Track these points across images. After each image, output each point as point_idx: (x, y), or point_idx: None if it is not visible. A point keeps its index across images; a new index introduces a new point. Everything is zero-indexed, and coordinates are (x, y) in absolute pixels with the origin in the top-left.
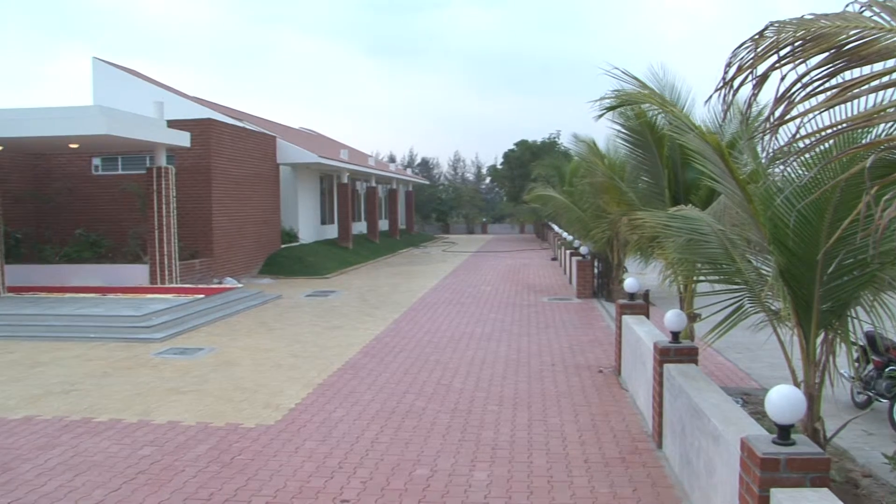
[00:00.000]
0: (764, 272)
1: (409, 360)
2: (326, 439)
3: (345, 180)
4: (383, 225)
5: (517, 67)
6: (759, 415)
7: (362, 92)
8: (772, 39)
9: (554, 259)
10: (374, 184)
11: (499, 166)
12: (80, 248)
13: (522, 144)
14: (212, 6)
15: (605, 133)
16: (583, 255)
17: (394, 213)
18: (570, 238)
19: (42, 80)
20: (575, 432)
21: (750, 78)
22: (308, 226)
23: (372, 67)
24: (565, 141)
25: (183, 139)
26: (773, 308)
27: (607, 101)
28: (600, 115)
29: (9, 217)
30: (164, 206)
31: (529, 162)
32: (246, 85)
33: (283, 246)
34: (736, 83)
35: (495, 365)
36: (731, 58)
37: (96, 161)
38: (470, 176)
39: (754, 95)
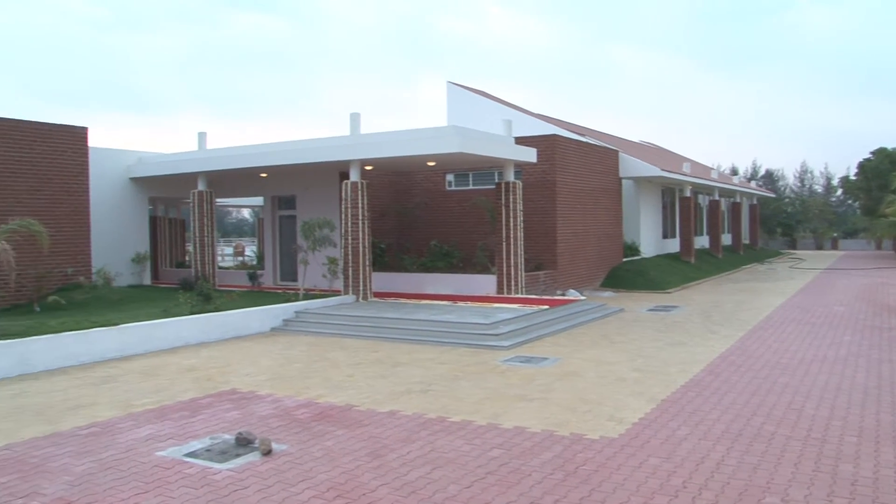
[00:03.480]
0: None
1: (756, 381)
2: (671, 457)
3: (687, 193)
4: (726, 239)
5: (871, 69)
6: None
7: (699, 103)
8: None
9: None
10: (716, 197)
11: (852, 177)
12: (434, 258)
13: (881, 153)
14: (552, 27)
15: None
16: None
17: (737, 227)
18: None
19: (401, 105)
20: None
21: None
22: (649, 239)
23: (708, 77)
24: None
25: (529, 155)
26: None
27: None
28: None
29: (375, 229)
30: (511, 220)
31: (889, 172)
32: (586, 101)
33: (624, 259)
34: None
35: (852, 392)
36: None
37: (450, 177)
38: (818, 188)
39: None
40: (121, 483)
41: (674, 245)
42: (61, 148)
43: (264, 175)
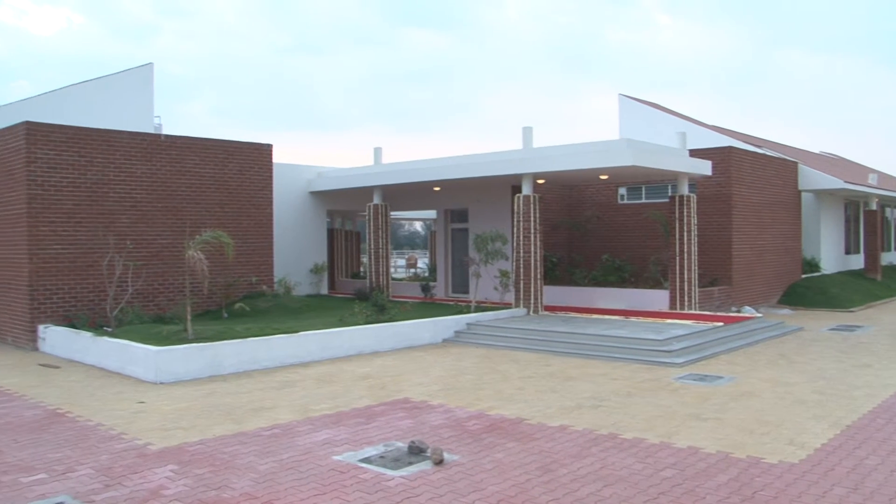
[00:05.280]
0: None
1: None
2: (858, 488)
3: (873, 206)
4: None
5: None
6: None
7: (885, 109)
8: None
9: None
10: None
11: None
12: (605, 272)
13: None
14: (723, 34)
15: None
16: None
17: None
18: None
19: (569, 118)
20: None
21: None
22: (830, 255)
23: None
24: None
25: (704, 168)
26: None
27: None
28: None
29: (547, 243)
30: (685, 234)
31: None
32: (760, 110)
33: (803, 276)
34: None
35: None
36: None
37: (622, 191)
38: None
39: None
40: (300, 483)
41: (857, 261)
42: (248, 164)
43: (437, 188)
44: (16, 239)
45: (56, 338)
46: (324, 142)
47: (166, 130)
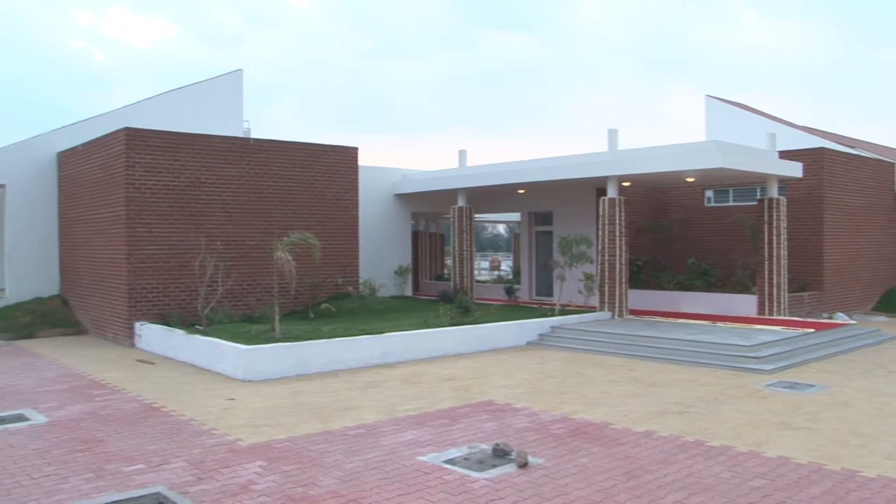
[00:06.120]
0: None
1: None
2: None
3: None
4: None
5: None
6: None
7: None
8: None
9: None
10: None
11: None
12: (691, 276)
13: None
14: (813, 32)
15: None
16: None
17: None
18: None
19: (656, 120)
20: None
21: None
22: None
23: None
24: None
25: (794, 170)
26: None
27: None
28: None
29: (632, 246)
30: (774, 238)
31: None
32: (853, 110)
33: None
34: None
35: None
36: None
37: (708, 193)
38: None
39: None
40: (385, 483)
41: None
42: (335, 167)
43: (521, 191)
44: (115, 240)
45: (151, 335)
46: (406, 144)
47: (254, 134)
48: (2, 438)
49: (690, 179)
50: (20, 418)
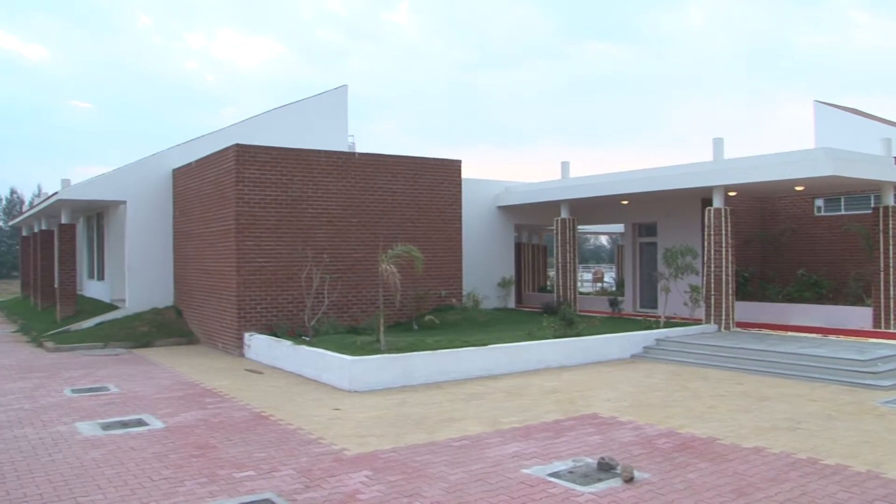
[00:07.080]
0: None
1: None
2: None
3: None
4: None
5: None
6: None
7: None
8: None
9: None
10: None
11: None
12: (801, 287)
13: None
14: None
15: None
16: None
17: None
18: None
19: (762, 128)
20: None
21: None
22: None
23: None
24: None
25: None
26: None
27: None
28: None
29: (739, 257)
30: (890, 248)
31: None
32: None
33: None
34: None
35: None
36: None
37: (818, 202)
38: None
39: None
40: (489, 495)
41: None
42: (438, 180)
43: (625, 202)
44: (226, 252)
45: (259, 345)
46: (506, 156)
47: (358, 148)
48: (125, 441)
49: (799, 188)
50: (140, 423)
